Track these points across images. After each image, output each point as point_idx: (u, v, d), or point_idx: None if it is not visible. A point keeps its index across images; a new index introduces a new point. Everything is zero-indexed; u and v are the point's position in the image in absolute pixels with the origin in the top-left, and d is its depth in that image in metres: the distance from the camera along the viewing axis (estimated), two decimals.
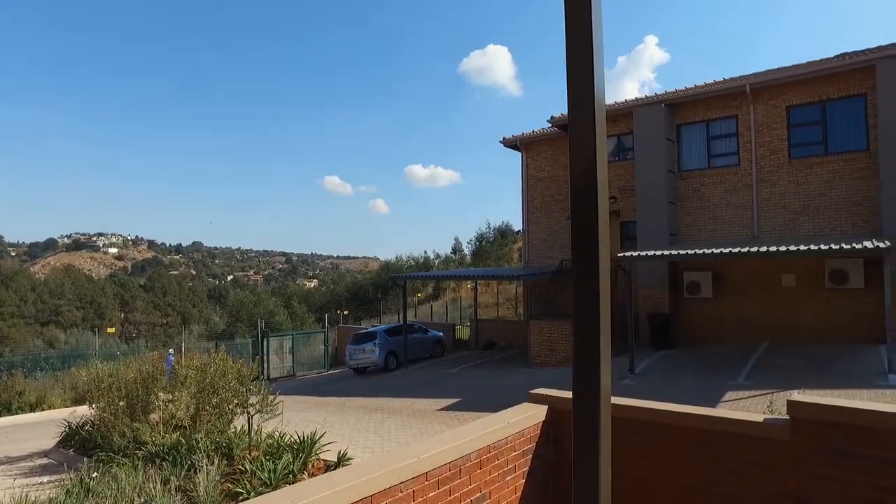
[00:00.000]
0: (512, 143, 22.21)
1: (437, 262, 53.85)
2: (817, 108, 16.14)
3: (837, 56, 16.70)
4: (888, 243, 11.99)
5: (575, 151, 1.02)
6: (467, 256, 50.31)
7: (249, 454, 7.08)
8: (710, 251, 14.07)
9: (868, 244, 12.13)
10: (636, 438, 3.49)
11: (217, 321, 51.80)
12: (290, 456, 6.66)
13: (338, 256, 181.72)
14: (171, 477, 6.28)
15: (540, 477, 3.62)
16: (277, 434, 7.58)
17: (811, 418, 2.92)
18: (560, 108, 26.20)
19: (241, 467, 6.60)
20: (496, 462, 3.33)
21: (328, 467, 6.69)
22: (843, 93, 15.73)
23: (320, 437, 7.18)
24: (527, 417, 3.58)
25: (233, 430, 8.06)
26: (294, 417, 10.89)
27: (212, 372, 8.12)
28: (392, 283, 34.09)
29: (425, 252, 56.59)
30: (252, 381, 8.40)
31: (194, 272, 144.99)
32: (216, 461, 6.40)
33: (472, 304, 27.97)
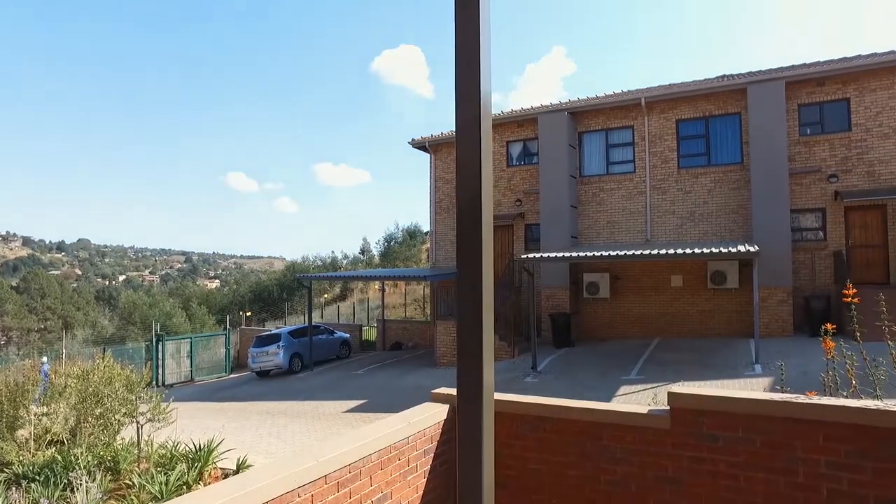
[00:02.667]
0: (421, 145, 22.33)
1: (345, 262, 53.11)
2: (701, 123, 17.56)
3: (718, 77, 18.29)
4: (757, 248, 13.29)
5: (462, 160, 1.06)
6: (376, 257, 50.03)
7: (138, 467, 6.63)
8: (607, 254, 14.90)
9: (741, 248, 13.37)
10: (532, 433, 3.63)
11: (106, 325, 48.04)
12: (184, 466, 6.31)
13: (241, 256, 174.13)
14: (42, 499, 5.71)
15: (442, 475, 3.67)
16: (171, 444, 7.15)
17: (686, 407, 3.19)
18: None
19: (128, 482, 6.17)
20: (397, 462, 3.34)
21: (226, 476, 6.41)
22: (722, 110, 17.22)
23: (218, 445, 6.86)
24: (428, 417, 3.62)
25: (120, 442, 7.51)
26: (191, 425, 10.33)
27: (96, 380, 7.50)
28: (298, 283, 33.20)
29: (333, 252, 55.69)
30: (143, 388, 7.86)
31: (80, 272, 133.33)
32: (98, 477, 5.93)
33: (380, 305, 27.83)
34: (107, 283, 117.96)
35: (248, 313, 38.92)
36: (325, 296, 43.93)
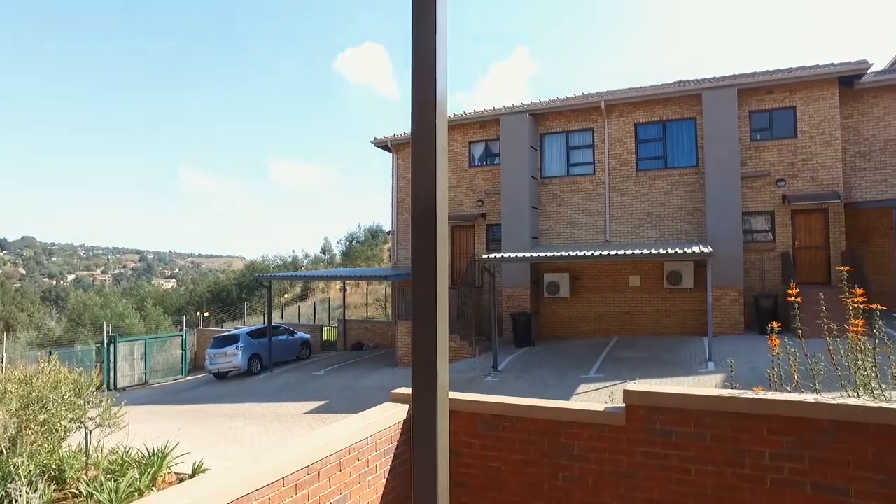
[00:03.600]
0: (383, 144, 22.23)
1: (306, 262, 52.44)
2: (659, 127, 18.01)
3: (675, 82, 18.81)
4: (711, 249, 13.73)
5: (417, 160, 1.07)
6: (337, 257, 49.57)
7: (86, 475, 6.39)
8: (566, 254, 15.13)
9: (696, 249, 13.78)
10: (491, 431, 3.67)
11: (53, 326, 46.08)
12: (136, 472, 6.11)
13: (199, 255, 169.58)
14: None
15: (402, 475, 3.67)
16: (122, 449, 6.92)
17: (641, 405, 3.28)
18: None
19: (74, 491, 5.93)
20: (357, 463, 3.33)
21: (181, 481, 6.24)
22: (679, 115, 17.71)
23: (173, 449, 6.67)
24: (388, 417, 3.62)
25: (66, 449, 7.21)
26: (145, 429, 10.02)
27: (40, 384, 7.18)
28: (257, 283, 32.59)
29: (294, 252, 54.99)
30: (93, 392, 7.56)
31: (24, 271, 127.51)
32: (41, 487, 5.68)
33: (341, 305, 27.57)
34: (54, 282, 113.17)
35: (206, 314, 37.98)
36: (286, 296, 43.27)
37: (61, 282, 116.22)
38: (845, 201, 15.79)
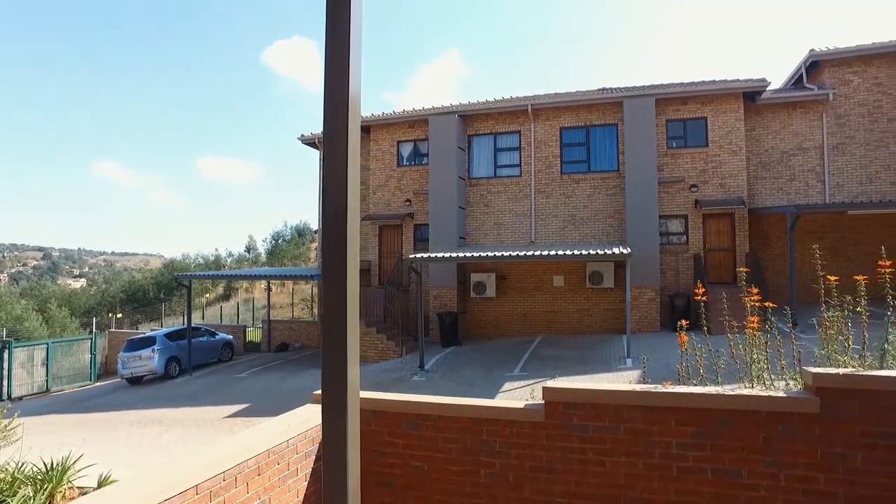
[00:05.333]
0: (310, 141, 21.81)
1: (229, 260, 50.53)
2: (583, 132, 18.67)
3: (598, 90, 19.54)
4: (630, 250, 14.38)
5: (329, 159, 1.06)
6: (263, 256, 48.14)
7: None
8: (492, 254, 15.40)
9: (616, 250, 14.39)
10: (415, 430, 3.68)
11: None
12: (29, 490, 5.65)
13: (113, 253, 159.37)
14: None
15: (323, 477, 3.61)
16: (13, 466, 6.38)
17: (559, 401, 3.39)
18: (367, 105, 26.35)
19: None
20: (277, 467, 3.25)
21: (85, 495, 5.83)
22: (602, 121, 18.44)
23: (76, 461, 6.24)
24: (310, 418, 3.55)
25: None
26: (44, 441, 9.34)
27: None
28: (177, 283, 31.06)
29: (217, 250, 52.88)
30: None
31: None
32: None
33: (266, 305, 26.78)
34: None
35: (119, 315, 35.74)
36: (208, 295, 41.55)
37: None
38: (749, 207, 17.00)
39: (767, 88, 17.13)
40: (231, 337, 23.87)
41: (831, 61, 17.43)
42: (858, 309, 3.32)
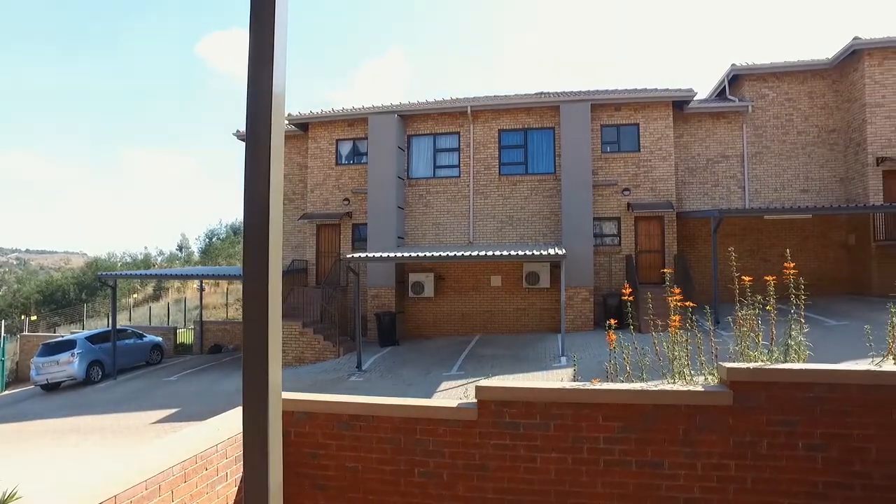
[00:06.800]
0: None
1: (160, 259, 48.37)
2: (521, 135, 19.03)
3: (536, 93, 19.96)
4: (565, 251, 14.79)
5: (251, 157, 1.04)
6: (196, 254, 46.35)
7: None
8: (431, 254, 15.46)
9: (552, 251, 14.76)
10: (348, 431, 3.65)
11: None
12: None
13: (27, 250, 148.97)
14: None
15: None
16: None
17: (492, 399, 3.45)
18: (308, 102, 25.78)
19: None
20: (205, 472, 3.15)
21: None
22: (539, 124, 18.85)
23: None
24: (239, 422, 3.45)
25: None
26: None
27: None
28: (101, 282, 29.43)
29: (146, 248, 50.48)
30: None
31: None
32: None
33: (199, 306, 25.81)
34: None
35: (34, 317, 33.49)
36: (136, 296, 39.62)
37: None
38: (677, 210, 17.83)
39: (694, 98, 18.03)
40: (160, 339, 22.85)
41: (750, 76, 18.54)
42: (768, 307, 3.56)
